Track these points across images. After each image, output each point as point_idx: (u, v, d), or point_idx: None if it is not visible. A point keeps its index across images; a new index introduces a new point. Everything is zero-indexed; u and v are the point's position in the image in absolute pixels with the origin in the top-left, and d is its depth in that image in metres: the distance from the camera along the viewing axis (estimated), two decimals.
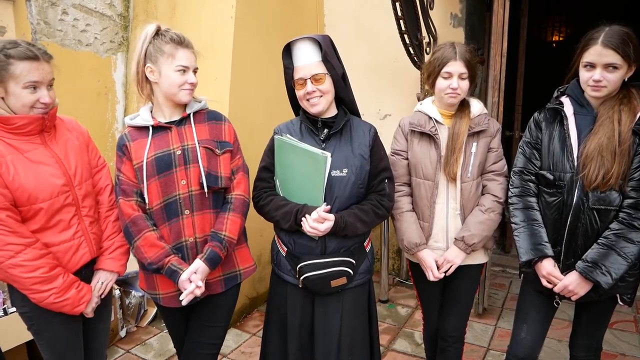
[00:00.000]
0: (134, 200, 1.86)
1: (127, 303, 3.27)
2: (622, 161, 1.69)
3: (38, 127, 1.70)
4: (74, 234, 1.78)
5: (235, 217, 1.91)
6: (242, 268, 2.04)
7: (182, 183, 1.85)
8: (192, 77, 1.85)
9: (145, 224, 1.84)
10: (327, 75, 1.87)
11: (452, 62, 1.96)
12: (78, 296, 1.75)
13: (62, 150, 1.78)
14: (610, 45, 1.67)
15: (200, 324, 2.02)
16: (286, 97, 2.02)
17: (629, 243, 1.71)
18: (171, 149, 1.86)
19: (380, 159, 1.97)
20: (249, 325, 3.45)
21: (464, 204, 2.05)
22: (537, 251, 1.85)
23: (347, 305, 1.96)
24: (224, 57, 3.22)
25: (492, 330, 3.38)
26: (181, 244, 1.88)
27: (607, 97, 1.76)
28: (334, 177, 1.86)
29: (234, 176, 1.96)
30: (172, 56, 1.80)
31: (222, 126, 1.97)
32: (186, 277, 1.80)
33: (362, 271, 1.99)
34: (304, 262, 1.89)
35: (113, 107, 3.70)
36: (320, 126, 1.93)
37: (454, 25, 3.83)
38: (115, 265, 1.91)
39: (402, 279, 4.25)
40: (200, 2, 3.39)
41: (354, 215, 1.87)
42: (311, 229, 1.81)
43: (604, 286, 1.72)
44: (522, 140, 1.98)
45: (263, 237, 3.53)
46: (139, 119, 1.91)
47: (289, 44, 1.89)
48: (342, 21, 4.13)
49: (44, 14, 3.12)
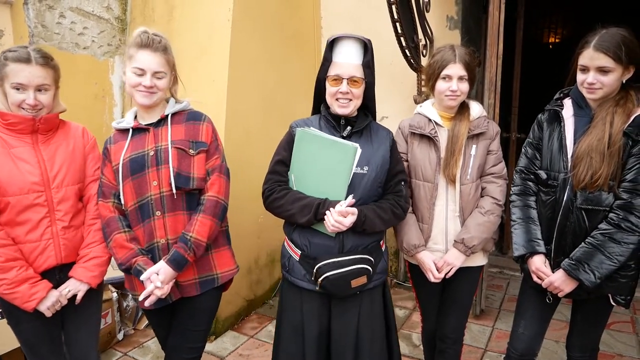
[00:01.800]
0: (111, 202, 1.89)
1: (125, 306, 3.27)
2: (611, 162, 1.72)
3: (28, 127, 1.78)
4: (41, 235, 1.80)
5: (204, 219, 1.86)
6: (219, 272, 1.99)
7: (154, 184, 1.85)
8: (148, 80, 1.82)
9: (117, 226, 1.86)
10: (364, 80, 1.86)
11: (451, 65, 1.98)
12: (29, 292, 1.76)
13: (49, 153, 1.83)
14: (602, 49, 1.70)
15: (179, 327, 2.01)
16: (283, 99, 2.03)
17: (615, 243, 1.73)
18: (145, 150, 1.87)
19: (397, 162, 1.98)
20: (247, 328, 3.45)
21: (463, 206, 2.06)
22: (530, 247, 1.91)
23: (365, 308, 1.93)
24: (221, 59, 3.23)
25: (490, 331, 3.39)
26: (153, 245, 1.87)
27: (605, 99, 1.78)
28: (355, 174, 1.84)
29: (209, 177, 1.92)
30: (132, 58, 1.82)
31: (199, 126, 1.94)
32: (146, 276, 1.79)
33: (379, 271, 1.96)
34: (323, 261, 1.83)
35: (110, 110, 3.70)
36: (344, 123, 1.91)
37: (450, 27, 3.85)
38: (86, 275, 1.88)
39: (399, 281, 4.26)
40: (198, 4, 3.40)
41: (373, 211, 1.85)
42: (336, 222, 1.76)
43: (587, 284, 1.76)
44: (526, 140, 2.03)
45: (260, 239, 3.54)
46: (124, 122, 1.94)
47: (335, 38, 1.85)
48: (338, 23, 4.14)
49: (42, 18, 3.12)
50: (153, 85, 1.83)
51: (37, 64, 1.72)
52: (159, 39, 1.84)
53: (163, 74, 1.86)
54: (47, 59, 1.77)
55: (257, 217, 3.36)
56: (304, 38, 4.09)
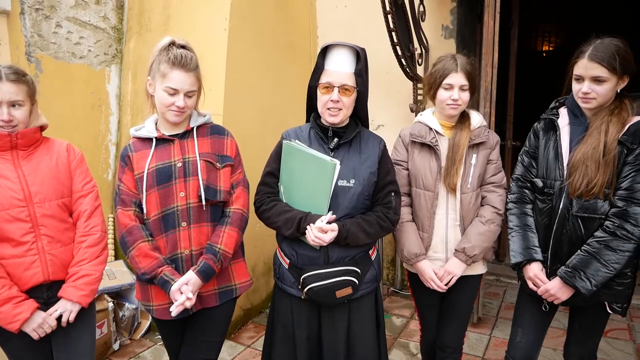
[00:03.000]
0: (132, 210, 1.88)
1: (121, 315, 3.25)
2: (606, 170, 1.74)
3: (6, 143, 1.76)
4: (26, 251, 1.76)
5: (232, 231, 1.91)
6: (237, 282, 2.02)
7: (181, 195, 1.86)
8: (181, 100, 1.82)
9: (141, 234, 1.84)
10: (355, 89, 1.85)
11: (453, 74, 1.99)
12: (12, 312, 1.70)
13: (30, 168, 1.81)
14: (596, 59, 1.72)
15: (194, 338, 2.01)
16: (279, 107, 2.04)
17: (611, 251, 1.74)
18: (172, 161, 1.87)
19: (388, 172, 1.96)
20: (244, 337, 3.44)
21: (463, 214, 2.07)
22: (527, 254, 1.92)
23: (354, 315, 1.94)
24: (217, 68, 3.24)
25: (487, 339, 3.38)
26: (177, 255, 1.88)
27: (600, 108, 1.80)
28: (340, 187, 1.84)
29: (234, 190, 1.96)
30: (164, 76, 1.81)
31: (224, 140, 1.98)
32: (177, 287, 1.79)
33: (368, 280, 1.95)
34: (308, 272, 1.85)
35: (107, 119, 3.70)
36: (331, 135, 1.90)
37: (445, 36, 3.89)
38: (76, 295, 1.81)
39: (396, 289, 4.26)
40: (194, 14, 3.41)
41: (357, 225, 1.85)
42: (316, 238, 1.78)
43: (583, 292, 1.77)
44: (523, 149, 2.05)
45: (257, 247, 3.54)
46: (144, 131, 1.93)
47: (327, 46, 1.84)
48: (334, 33, 4.16)
49: (38, 27, 3.13)
50: (185, 105, 1.83)
51: (8, 81, 1.71)
52: (191, 56, 1.84)
53: (194, 93, 1.87)
54: (18, 74, 1.75)
55: (253, 226, 3.35)
56: (300, 47, 4.12)
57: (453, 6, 3.84)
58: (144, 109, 3.59)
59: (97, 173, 3.59)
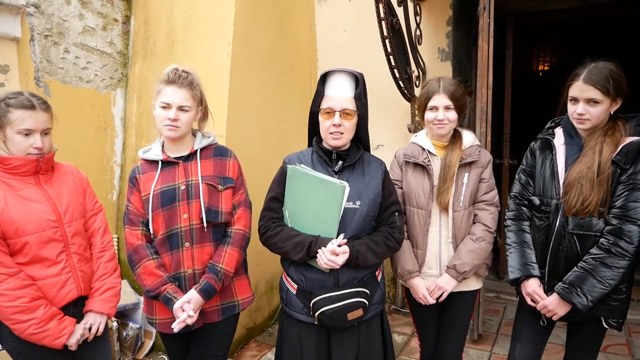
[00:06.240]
0: (140, 230, 1.95)
1: (125, 335, 3.27)
2: (600, 189, 1.79)
3: (32, 168, 1.82)
4: (61, 270, 1.83)
5: (233, 251, 1.97)
6: (240, 298, 2.08)
7: (184, 217, 1.92)
8: (172, 113, 1.89)
9: (146, 253, 1.92)
10: (355, 113, 1.89)
11: (436, 96, 2.07)
12: (59, 328, 1.78)
13: (55, 190, 1.88)
14: (590, 82, 1.79)
15: (197, 353, 2.05)
16: (281, 130, 2.10)
17: (606, 268, 1.79)
18: (176, 183, 1.94)
19: (390, 193, 2.00)
20: (246, 356, 3.45)
21: (455, 232, 2.12)
22: (524, 270, 1.97)
23: (363, 338, 1.94)
24: (221, 91, 3.32)
25: (488, 356, 3.40)
26: (180, 274, 1.94)
27: (594, 129, 1.86)
28: (347, 209, 1.85)
29: (235, 211, 2.02)
30: (159, 92, 1.91)
31: (226, 162, 2.04)
32: (179, 305, 1.86)
33: (376, 301, 1.97)
34: (318, 296, 1.84)
35: (112, 141, 3.77)
36: (335, 158, 1.93)
37: (441, 59, 3.98)
38: (105, 307, 1.94)
39: (397, 307, 4.27)
40: (198, 39, 3.51)
41: (365, 245, 1.86)
42: (328, 261, 1.77)
43: (580, 307, 1.81)
44: (520, 167, 2.11)
45: (259, 267, 3.57)
46: (151, 153, 2.00)
47: (327, 72, 1.89)
48: (334, 56, 4.27)
49: (47, 53, 3.22)
50: (177, 118, 1.89)
51: (41, 110, 1.79)
52: (186, 75, 1.92)
53: (188, 108, 1.93)
54: (47, 104, 1.84)
55: (255, 245, 3.40)
56: (301, 70, 4.21)
57: (449, 30, 3.94)
58: (148, 130, 3.67)
59: (102, 194, 3.64)
